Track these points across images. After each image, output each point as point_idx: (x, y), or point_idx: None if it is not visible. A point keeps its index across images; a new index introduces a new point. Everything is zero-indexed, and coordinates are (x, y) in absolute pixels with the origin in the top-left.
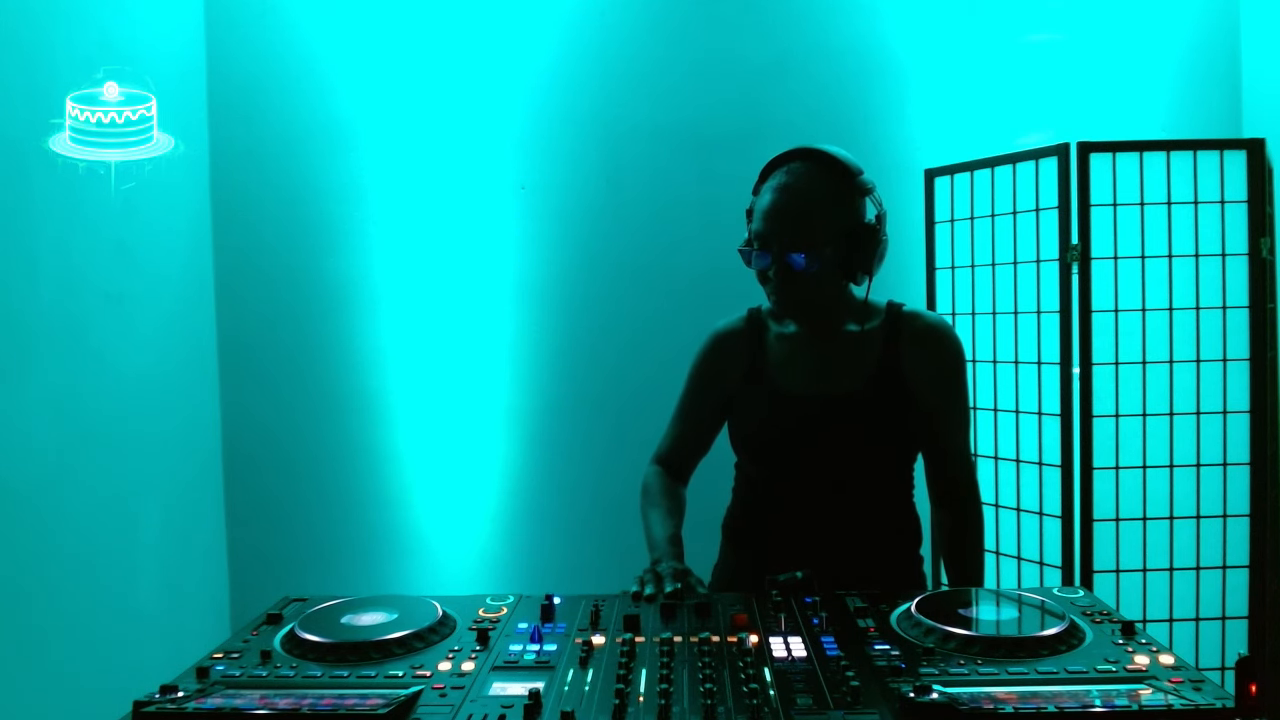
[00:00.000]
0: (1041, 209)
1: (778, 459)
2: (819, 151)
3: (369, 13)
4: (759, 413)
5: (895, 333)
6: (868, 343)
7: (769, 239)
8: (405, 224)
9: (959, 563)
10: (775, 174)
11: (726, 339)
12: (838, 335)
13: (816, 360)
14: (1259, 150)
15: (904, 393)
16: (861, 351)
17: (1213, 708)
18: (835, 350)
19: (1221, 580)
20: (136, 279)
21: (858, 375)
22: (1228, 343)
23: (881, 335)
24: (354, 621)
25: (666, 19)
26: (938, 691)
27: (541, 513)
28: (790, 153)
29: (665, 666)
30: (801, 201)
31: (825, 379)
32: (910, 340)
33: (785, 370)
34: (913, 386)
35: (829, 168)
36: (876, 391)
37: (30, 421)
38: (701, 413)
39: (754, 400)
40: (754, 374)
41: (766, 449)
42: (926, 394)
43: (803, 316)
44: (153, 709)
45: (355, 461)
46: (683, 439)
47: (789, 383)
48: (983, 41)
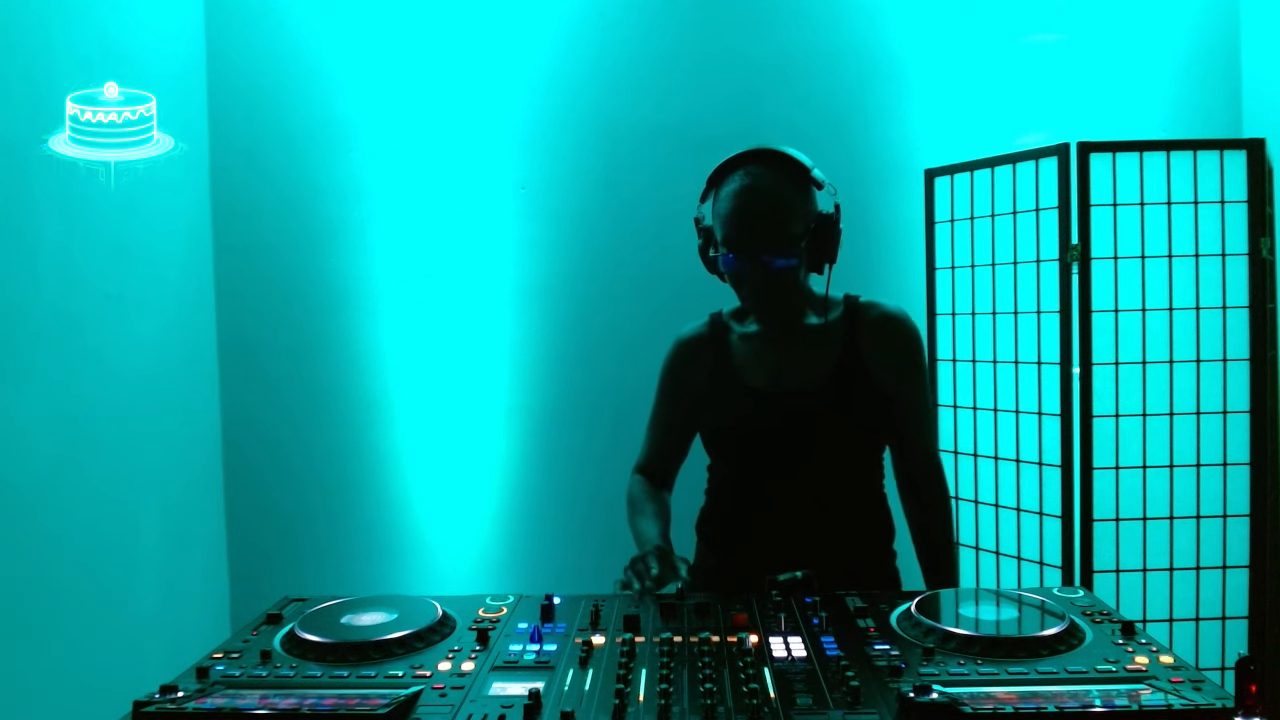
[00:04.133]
0: (1041, 209)
1: (747, 455)
2: (770, 151)
3: (369, 13)
4: (726, 411)
5: (855, 324)
6: (829, 335)
7: (742, 242)
8: (405, 224)
9: (930, 550)
10: (731, 178)
11: (690, 345)
12: (799, 330)
13: (780, 356)
14: (1259, 150)
15: (867, 382)
16: (823, 344)
17: (1213, 708)
18: (798, 345)
19: (1221, 580)
20: (136, 279)
21: (821, 368)
22: (1228, 343)
23: (842, 327)
24: (354, 621)
25: (666, 19)
26: (938, 691)
27: (541, 513)
28: (740, 156)
29: (665, 666)
30: (769, 201)
31: (789, 374)
32: (869, 330)
33: (750, 368)
34: (875, 375)
35: (784, 166)
36: (840, 383)
37: (30, 421)
38: (675, 419)
39: (721, 400)
40: (720, 375)
41: (735, 446)
42: (888, 382)
43: (781, 313)
44: (153, 709)
45: (355, 461)
46: (660, 447)
47: (754, 379)
48: (983, 41)
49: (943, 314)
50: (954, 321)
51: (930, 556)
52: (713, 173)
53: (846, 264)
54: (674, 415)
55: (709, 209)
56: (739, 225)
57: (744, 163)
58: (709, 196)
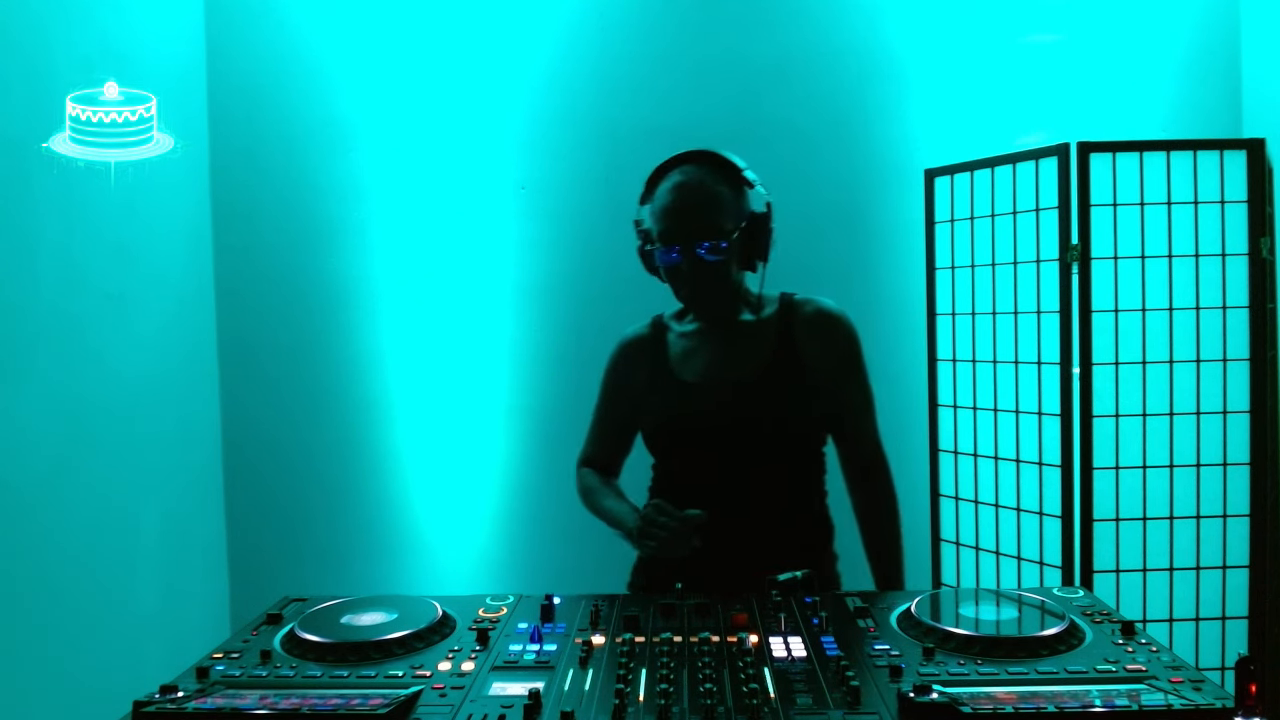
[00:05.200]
0: (1041, 209)
1: (684, 451)
2: (704, 152)
3: (369, 13)
4: (664, 407)
5: (789, 320)
6: (763, 331)
7: (677, 234)
8: (405, 224)
9: (876, 542)
10: (667, 177)
11: (632, 344)
12: (735, 326)
13: (716, 352)
14: (1259, 150)
15: (801, 377)
16: (758, 340)
17: (1212, 708)
18: (733, 341)
19: (1221, 580)
20: (136, 279)
21: (755, 363)
22: (1228, 343)
23: (776, 323)
24: (354, 621)
25: (666, 19)
26: (938, 691)
27: (541, 513)
28: (676, 157)
29: (665, 666)
30: (703, 195)
31: (724, 369)
32: (803, 326)
33: (687, 364)
34: (809, 370)
35: (718, 165)
36: (774, 378)
37: (30, 421)
38: (616, 415)
39: (660, 396)
40: (657, 372)
41: (671, 441)
42: (825, 378)
43: (716, 308)
44: (153, 709)
45: (355, 461)
46: (604, 440)
47: (690, 375)
48: (983, 41)
49: (943, 314)
50: (954, 321)
51: (876, 548)
52: (650, 175)
53: (847, 264)
54: (615, 411)
55: (647, 211)
56: (674, 219)
57: (679, 163)
58: (647, 199)
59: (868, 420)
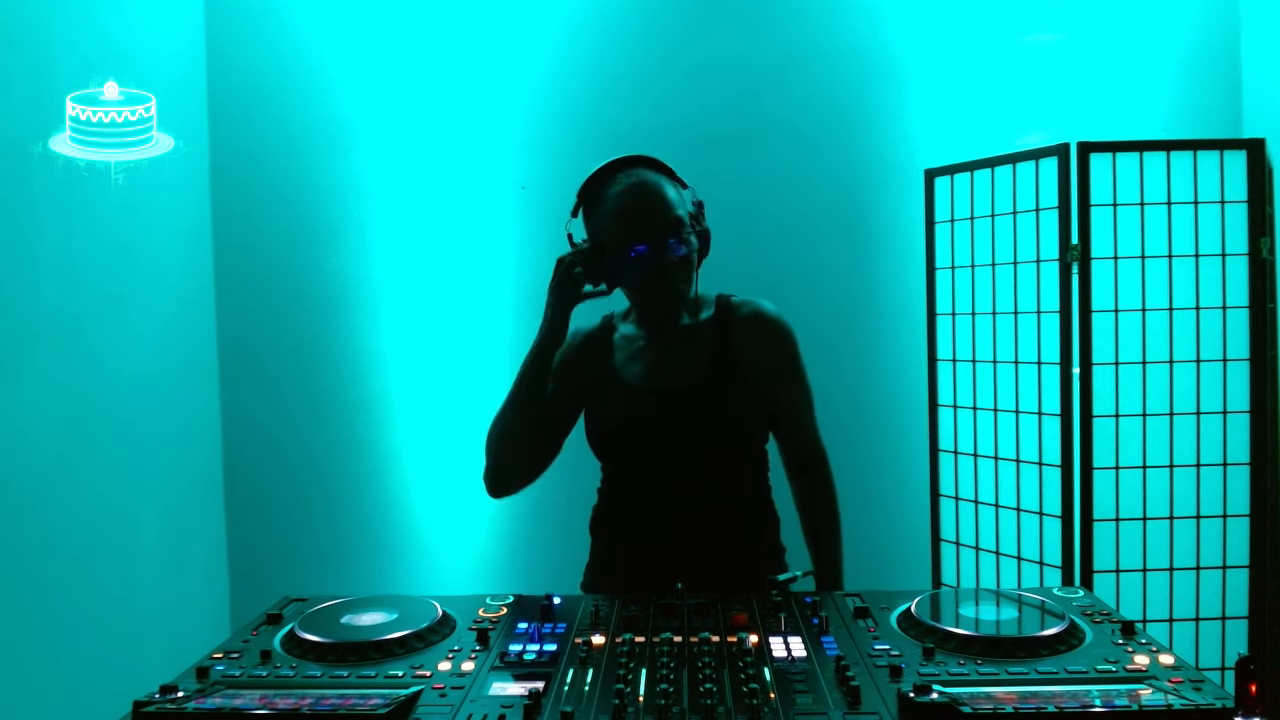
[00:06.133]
0: (1041, 209)
1: (628, 453)
2: (637, 157)
3: (369, 13)
4: (608, 410)
5: (725, 323)
6: (702, 334)
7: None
8: (405, 224)
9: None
10: (609, 184)
11: (586, 337)
12: (676, 330)
13: (657, 356)
14: (1259, 150)
15: (739, 378)
16: (697, 343)
17: (1213, 708)
18: (674, 345)
19: (1221, 580)
20: (136, 279)
21: (696, 367)
22: (1228, 343)
23: (713, 326)
24: (354, 621)
25: (666, 19)
26: (938, 691)
27: (541, 513)
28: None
29: (665, 666)
30: (659, 193)
31: (666, 372)
32: (739, 328)
33: (629, 367)
34: (746, 370)
35: (656, 167)
36: (715, 380)
37: (30, 421)
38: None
39: (604, 399)
40: (603, 374)
41: (613, 443)
42: (763, 378)
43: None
44: (153, 709)
45: (355, 461)
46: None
47: (633, 378)
48: (983, 41)
49: (943, 314)
50: (954, 321)
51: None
52: (581, 187)
53: (847, 264)
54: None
55: (578, 224)
56: (639, 217)
57: (616, 169)
58: (580, 211)
59: (807, 417)
